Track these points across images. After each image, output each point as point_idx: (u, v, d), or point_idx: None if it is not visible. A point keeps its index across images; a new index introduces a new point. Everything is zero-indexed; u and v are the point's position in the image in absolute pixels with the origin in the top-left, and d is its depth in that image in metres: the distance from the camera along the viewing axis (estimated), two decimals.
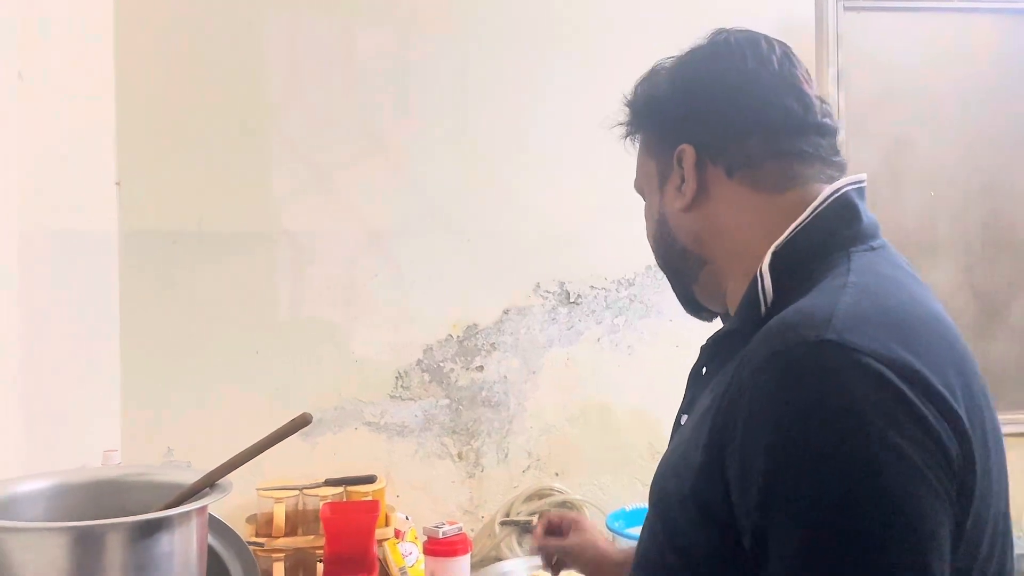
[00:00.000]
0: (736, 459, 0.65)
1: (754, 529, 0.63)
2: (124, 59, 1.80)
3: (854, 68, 2.10)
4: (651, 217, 0.90)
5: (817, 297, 0.69)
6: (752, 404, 0.64)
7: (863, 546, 0.58)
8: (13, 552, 0.96)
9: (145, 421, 1.79)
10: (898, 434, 0.59)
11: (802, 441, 0.61)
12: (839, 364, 0.61)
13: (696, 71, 0.85)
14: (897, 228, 2.15)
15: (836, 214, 0.77)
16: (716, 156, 0.82)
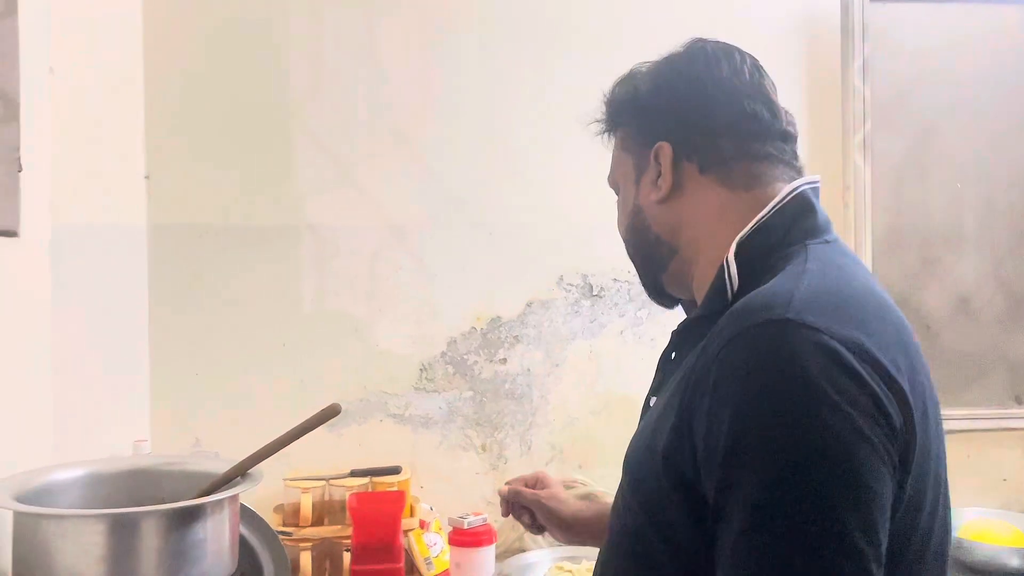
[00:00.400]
0: (703, 424, 0.71)
1: (717, 487, 0.70)
2: (152, 56, 1.81)
3: (880, 59, 2.09)
4: (625, 209, 0.97)
5: (778, 282, 0.76)
6: (719, 375, 0.71)
7: (815, 501, 0.65)
8: (51, 538, 0.98)
9: (173, 412, 1.82)
10: (849, 404, 0.66)
11: (763, 409, 0.67)
12: (797, 341, 0.68)
13: (675, 74, 0.92)
14: (923, 220, 2.14)
15: (795, 210, 0.85)
16: (691, 154, 0.89)
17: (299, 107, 1.89)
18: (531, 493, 1.20)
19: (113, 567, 0.97)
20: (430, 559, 1.67)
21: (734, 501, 0.68)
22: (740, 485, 0.68)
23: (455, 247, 1.94)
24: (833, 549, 0.65)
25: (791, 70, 2.09)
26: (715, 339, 0.74)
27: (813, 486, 0.65)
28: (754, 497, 0.67)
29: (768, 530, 0.66)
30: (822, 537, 0.65)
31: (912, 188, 2.14)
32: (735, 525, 0.68)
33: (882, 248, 2.10)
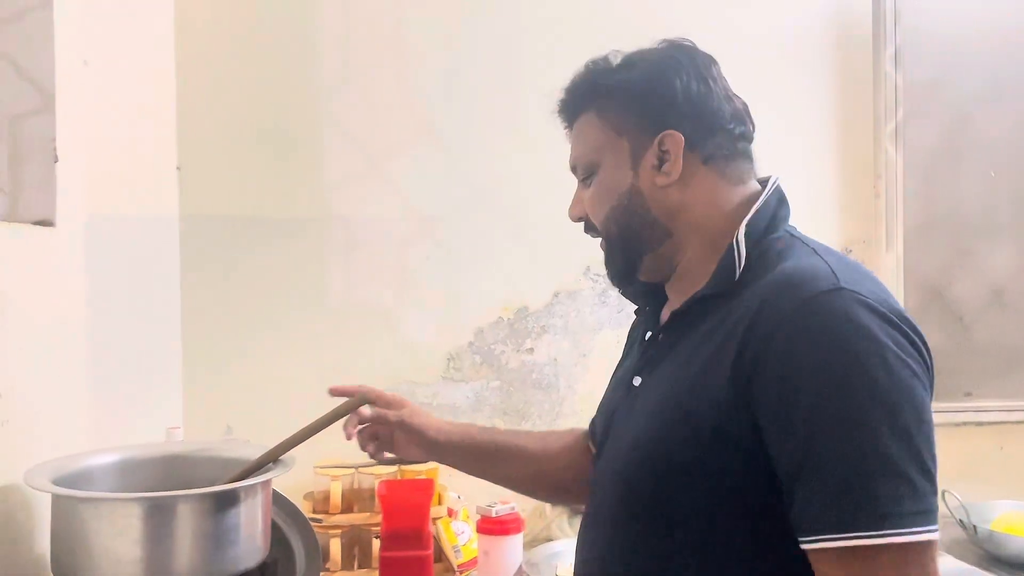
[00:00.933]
0: (773, 393, 0.79)
1: (802, 441, 0.77)
2: (184, 49, 1.83)
3: (912, 46, 2.06)
4: (613, 190, 0.98)
5: (802, 260, 0.87)
6: (789, 342, 0.79)
7: (898, 431, 0.76)
8: (89, 521, 1.00)
9: (205, 400, 1.84)
10: (904, 353, 0.79)
11: (841, 363, 0.77)
12: (855, 306, 0.79)
13: (680, 66, 0.97)
14: (956, 208, 2.11)
15: (777, 200, 0.96)
16: (695, 145, 0.95)
17: (328, 99, 1.90)
18: (394, 413, 1.18)
19: (148, 550, 0.99)
20: (458, 547, 1.68)
21: (826, 446, 0.76)
22: (830, 432, 0.76)
23: (482, 237, 1.95)
24: (919, 473, 0.76)
25: (822, 57, 2.07)
26: (767, 312, 0.81)
27: (897, 423, 0.76)
28: (850, 437, 0.76)
29: (865, 463, 0.75)
30: (910, 463, 0.75)
31: (945, 177, 2.11)
32: (829, 468, 0.76)
33: (914, 238, 2.08)
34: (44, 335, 1.29)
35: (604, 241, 1.01)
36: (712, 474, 0.84)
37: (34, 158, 1.34)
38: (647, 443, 0.90)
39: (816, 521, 0.77)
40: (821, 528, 0.77)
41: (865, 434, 0.76)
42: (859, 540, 0.75)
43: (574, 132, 1.04)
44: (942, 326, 2.11)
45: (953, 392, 2.10)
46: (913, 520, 0.75)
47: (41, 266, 1.30)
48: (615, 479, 0.95)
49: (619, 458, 0.95)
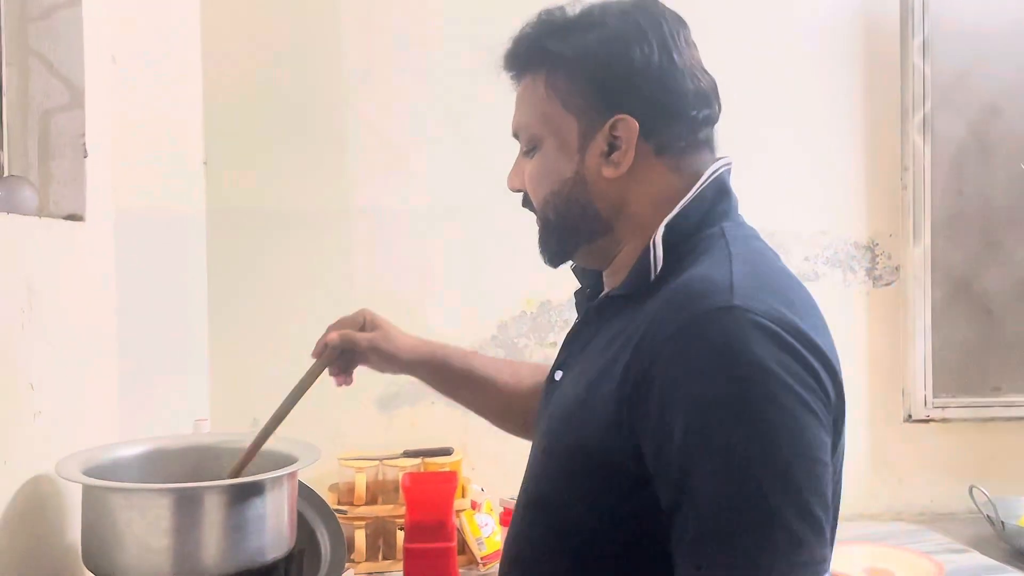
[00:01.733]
0: (652, 417, 0.73)
1: (676, 475, 0.72)
2: (210, 45, 1.85)
3: (940, 37, 2.03)
4: (556, 174, 0.89)
5: (710, 268, 0.78)
6: (669, 366, 0.73)
7: (778, 471, 0.69)
8: (118, 511, 1.02)
9: (232, 392, 1.86)
10: (797, 382, 0.71)
11: (721, 394, 0.70)
12: (746, 327, 0.71)
13: (642, 36, 0.85)
14: (985, 201, 2.08)
15: (714, 192, 0.86)
16: (650, 133, 0.85)
17: (352, 93, 1.90)
18: (365, 338, 1.12)
19: (177, 540, 1.01)
20: (482, 539, 1.69)
21: (698, 483, 0.70)
22: (703, 468, 0.70)
23: (506, 231, 1.94)
24: (799, 519, 0.68)
25: (849, 48, 2.05)
26: (658, 329, 0.75)
27: (778, 462, 0.69)
28: (721, 477, 0.69)
29: (737, 506, 0.69)
30: (789, 508, 0.68)
31: (973, 169, 2.08)
32: (699, 507, 0.70)
33: (942, 231, 2.05)
34: (74, 328, 1.31)
35: (539, 221, 0.93)
36: (598, 496, 0.79)
37: (64, 153, 1.36)
38: (545, 449, 0.87)
39: (684, 561, 0.72)
40: (688, 570, 0.71)
41: (737, 475, 0.69)
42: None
43: (519, 92, 0.93)
44: (970, 320, 2.08)
45: (981, 386, 2.07)
46: (788, 571, 0.68)
47: (71, 260, 1.32)
48: (528, 473, 0.92)
49: (532, 455, 0.92)
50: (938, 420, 2.04)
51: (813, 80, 2.05)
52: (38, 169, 1.35)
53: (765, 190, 2.04)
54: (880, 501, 2.06)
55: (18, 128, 1.35)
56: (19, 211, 1.20)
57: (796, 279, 0.84)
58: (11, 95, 1.34)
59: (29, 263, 1.15)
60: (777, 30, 2.03)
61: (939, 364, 2.04)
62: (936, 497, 2.06)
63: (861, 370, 2.06)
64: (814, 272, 2.05)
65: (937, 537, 1.85)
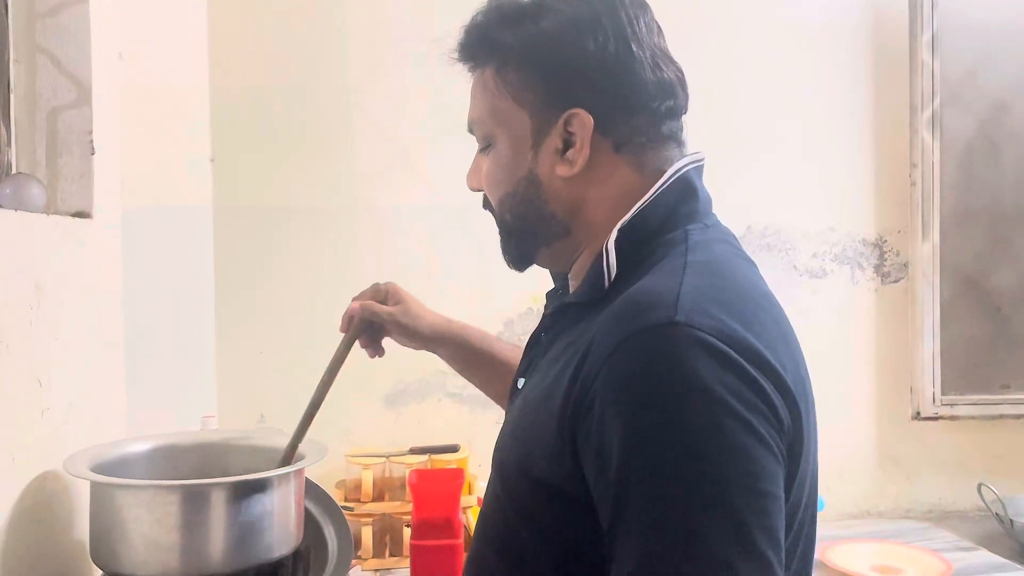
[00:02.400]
0: (592, 440, 0.67)
1: (612, 502, 0.65)
2: (217, 42, 1.85)
3: (949, 33, 2.02)
4: (510, 173, 0.84)
5: (660, 278, 0.72)
6: (607, 387, 0.66)
7: (718, 503, 0.62)
8: (127, 507, 1.02)
9: (239, 388, 1.86)
10: (744, 406, 0.64)
11: (659, 419, 0.64)
12: (687, 345, 0.65)
13: (596, 24, 0.79)
14: (994, 199, 2.07)
15: (677, 193, 0.79)
16: (607, 128, 0.80)
17: (359, 90, 1.90)
18: (387, 311, 1.11)
19: (185, 536, 1.01)
20: None
21: (634, 514, 0.64)
22: (639, 497, 0.64)
23: None
24: (742, 557, 0.61)
25: (857, 43, 2.04)
26: (599, 345, 0.69)
27: (717, 493, 0.62)
28: (657, 509, 0.63)
29: (674, 541, 0.62)
30: (730, 545, 0.61)
31: (982, 166, 2.07)
32: (635, 540, 0.64)
33: (951, 228, 2.04)
34: (82, 325, 1.31)
35: (497, 224, 0.89)
36: (542, 512, 0.74)
37: (71, 151, 1.36)
38: (497, 464, 0.82)
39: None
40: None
41: (673, 508, 0.62)
42: None
43: (472, 86, 0.89)
44: (979, 317, 2.08)
45: (990, 384, 2.06)
46: None
47: (79, 257, 1.33)
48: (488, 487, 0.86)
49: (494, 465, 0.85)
50: (947, 418, 2.04)
51: (821, 76, 2.04)
52: (46, 166, 1.36)
53: (773, 187, 2.03)
54: (888, 499, 2.06)
55: (26, 125, 1.35)
56: (27, 208, 1.20)
57: (760, 290, 0.77)
58: (19, 92, 1.34)
59: (37, 260, 1.15)
60: (785, 26, 2.02)
61: (947, 361, 2.03)
62: (945, 495, 2.05)
63: (869, 367, 2.06)
64: (822, 269, 2.04)
65: (946, 535, 1.84)
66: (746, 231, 2.00)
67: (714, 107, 1.95)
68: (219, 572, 1.02)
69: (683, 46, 0.96)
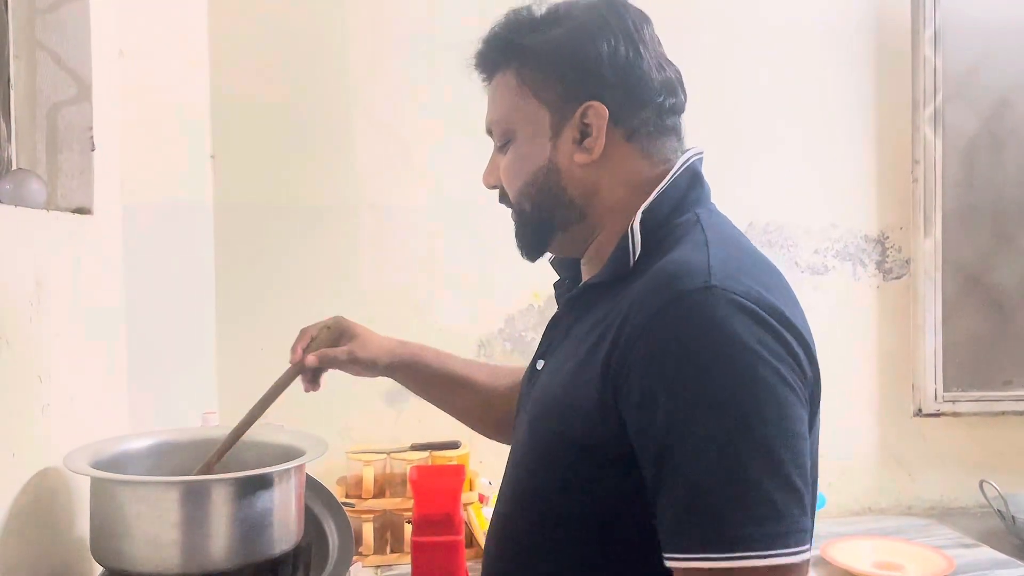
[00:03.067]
0: (635, 397, 0.75)
1: (661, 446, 0.73)
2: (217, 39, 1.84)
3: (951, 29, 2.01)
4: (530, 163, 0.91)
5: (688, 251, 0.80)
6: (650, 346, 0.74)
7: (757, 442, 0.71)
8: (127, 504, 1.02)
9: (239, 385, 1.85)
10: (775, 358, 0.73)
11: (701, 372, 0.72)
12: (723, 305, 0.73)
13: (608, 28, 0.88)
14: (996, 194, 2.07)
15: (687, 180, 0.88)
16: (620, 119, 0.88)
17: (360, 87, 1.90)
18: (344, 353, 1.13)
19: (185, 532, 1.01)
20: None
21: (681, 456, 0.72)
22: (686, 441, 0.72)
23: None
24: (779, 489, 0.70)
25: (860, 40, 2.03)
26: (637, 308, 0.77)
27: (758, 437, 0.71)
28: (703, 449, 0.71)
29: (720, 477, 0.70)
30: (769, 478, 0.70)
31: (985, 163, 2.07)
32: (683, 479, 0.72)
33: (953, 225, 2.04)
34: (82, 322, 1.31)
35: (515, 215, 0.95)
36: (583, 477, 0.80)
37: (72, 147, 1.36)
38: (532, 438, 0.88)
39: (670, 539, 0.73)
40: (673, 547, 0.73)
41: (718, 449, 0.71)
42: (705, 563, 0.70)
43: (491, 90, 0.96)
44: (981, 313, 2.07)
45: (992, 380, 2.06)
46: (770, 543, 0.69)
47: (79, 253, 1.33)
48: (512, 464, 0.93)
49: (516, 445, 0.93)
50: (949, 414, 2.03)
51: (823, 73, 2.04)
52: (46, 162, 1.36)
53: (775, 183, 2.03)
54: (890, 495, 2.05)
55: (26, 121, 1.35)
56: (27, 204, 1.20)
57: (770, 263, 0.85)
58: (19, 88, 1.34)
59: (37, 256, 1.15)
60: (787, 23, 2.02)
61: (950, 358, 2.03)
62: (946, 491, 2.05)
63: (871, 364, 2.05)
64: (824, 265, 2.04)
65: (947, 532, 1.84)
66: (748, 227, 1.99)
67: (717, 104, 1.94)
68: (220, 568, 1.02)
69: (686, 43, 0.97)
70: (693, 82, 0.95)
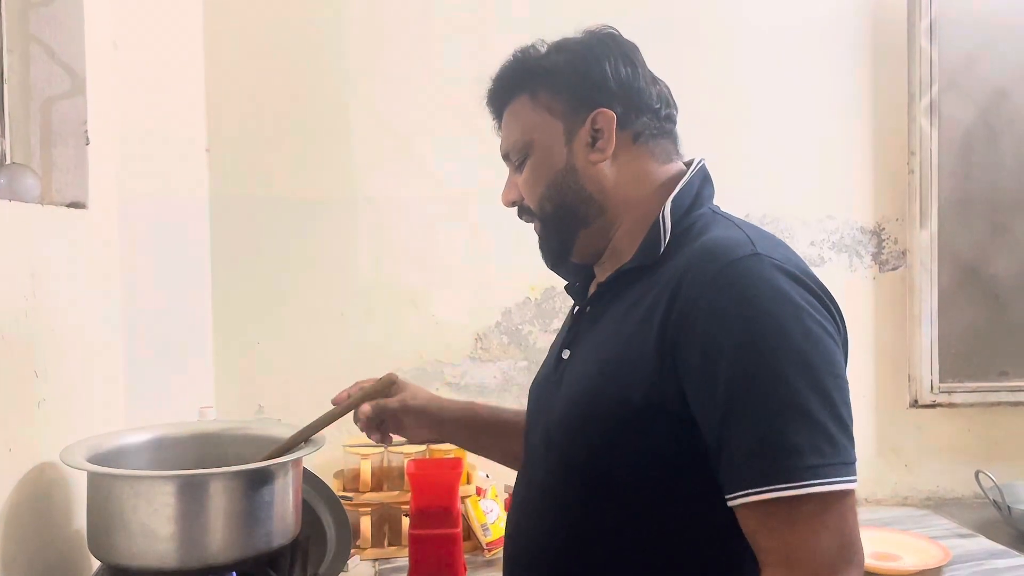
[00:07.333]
0: (696, 358, 0.83)
1: (726, 396, 0.81)
2: (212, 31, 1.83)
3: (947, 20, 2.01)
4: (549, 171, 1.01)
5: (726, 232, 0.92)
6: (710, 307, 0.83)
7: (814, 384, 0.81)
8: (124, 498, 1.02)
9: (236, 379, 1.86)
10: (818, 314, 0.84)
11: (759, 326, 0.82)
12: (771, 269, 0.85)
13: (609, 50, 1.01)
14: (992, 185, 2.07)
15: (701, 178, 1.00)
16: (625, 124, 0.99)
17: (357, 80, 1.89)
18: (396, 402, 1.16)
19: (182, 526, 1.01)
20: (487, 525, 1.69)
21: (747, 402, 0.80)
22: (750, 387, 0.81)
23: (510, 218, 1.92)
24: (834, 426, 0.80)
25: (855, 30, 2.03)
26: (690, 279, 0.86)
27: (813, 377, 0.81)
28: (769, 393, 0.80)
29: (786, 417, 0.79)
30: (826, 415, 0.80)
31: (981, 153, 2.07)
32: (750, 422, 0.80)
33: (949, 215, 2.04)
34: (78, 316, 1.31)
35: (538, 222, 1.03)
36: (640, 438, 0.87)
37: (66, 141, 1.36)
38: (575, 410, 0.94)
39: (738, 476, 0.80)
40: (743, 483, 0.80)
41: (783, 389, 0.80)
42: (780, 492, 0.78)
43: (505, 119, 1.06)
44: (977, 304, 2.07)
45: (988, 371, 2.07)
46: (833, 471, 0.78)
47: (74, 248, 1.32)
48: (545, 451, 0.98)
49: (548, 430, 0.98)
50: (945, 405, 2.04)
51: (819, 63, 2.03)
52: (40, 157, 1.35)
53: (772, 174, 2.03)
54: (886, 486, 2.06)
55: (20, 115, 1.34)
56: (22, 199, 1.20)
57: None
58: (12, 82, 1.33)
59: (32, 251, 1.15)
60: (784, 14, 2.01)
61: (946, 349, 2.03)
62: (942, 482, 2.06)
63: (867, 355, 2.06)
64: (820, 257, 2.04)
65: (944, 522, 1.85)
66: (744, 219, 1.99)
67: (714, 95, 1.94)
68: (217, 563, 1.02)
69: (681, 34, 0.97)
70: (690, 74, 0.97)
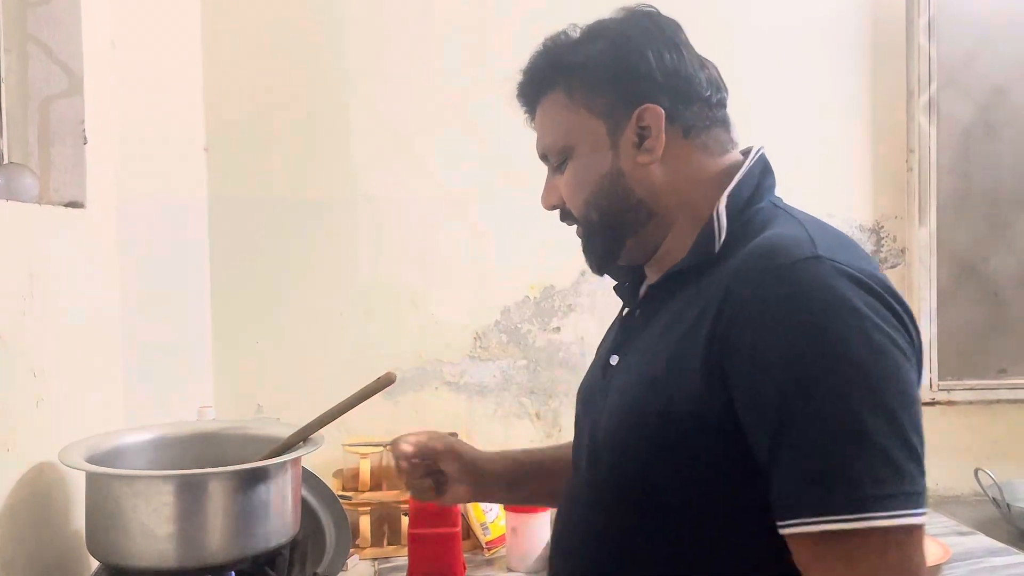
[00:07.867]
0: (746, 369, 0.75)
1: (779, 411, 0.73)
2: (211, 30, 1.83)
3: (946, 17, 2.01)
4: (593, 174, 0.92)
5: (786, 229, 0.82)
6: (763, 313, 0.75)
7: (877, 404, 0.72)
8: (123, 498, 1.02)
9: (235, 379, 1.86)
10: (885, 324, 0.74)
11: (817, 337, 0.73)
12: (833, 274, 0.75)
13: (650, 37, 0.90)
14: (992, 181, 2.07)
15: (761, 169, 0.91)
16: (675, 118, 0.89)
17: (356, 79, 1.89)
18: (443, 444, 1.08)
19: (181, 526, 1.01)
20: (486, 524, 1.69)
21: (804, 420, 0.72)
22: (807, 404, 0.72)
23: (509, 217, 1.94)
24: (900, 451, 0.71)
25: (854, 28, 2.03)
26: (742, 280, 0.78)
27: (877, 396, 0.72)
28: (827, 411, 0.72)
29: (845, 439, 0.71)
30: (890, 439, 0.71)
31: (980, 150, 2.07)
32: (807, 441, 0.72)
33: (948, 212, 2.04)
34: (77, 315, 1.31)
35: (583, 228, 0.95)
36: (687, 454, 0.80)
37: (64, 140, 1.36)
38: (622, 423, 0.87)
39: (792, 504, 0.73)
40: (797, 511, 0.72)
41: (842, 411, 0.71)
42: (836, 524, 0.70)
43: (539, 116, 0.97)
44: (976, 302, 2.08)
45: (987, 369, 2.07)
46: (895, 503, 0.70)
47: (72, 247, 1.32)
48: (592, 459, 0.91)
49: (596, 438, 0.91)
50: (944, 403, 2.04)
51: (818, 61, 2.03)
52: (38, 156, 1.35)
53: None
54: None
55: (18, 115, 1.34)
56: (20, 198, 1.20)
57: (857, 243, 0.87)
58: (10, 82, 1.33)
59: (30, 250, 1.15)
60: (783, 11, 2.01)
61: (945, 347, 2.03)
62: (942, 480, 2.05)
63: None
64: None
65: (943, 520, 1.85)
66: None
67: None
68: (216, 562, 1.02)
69: None
70: None
